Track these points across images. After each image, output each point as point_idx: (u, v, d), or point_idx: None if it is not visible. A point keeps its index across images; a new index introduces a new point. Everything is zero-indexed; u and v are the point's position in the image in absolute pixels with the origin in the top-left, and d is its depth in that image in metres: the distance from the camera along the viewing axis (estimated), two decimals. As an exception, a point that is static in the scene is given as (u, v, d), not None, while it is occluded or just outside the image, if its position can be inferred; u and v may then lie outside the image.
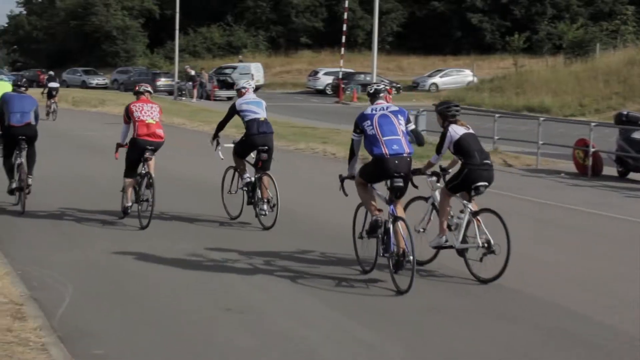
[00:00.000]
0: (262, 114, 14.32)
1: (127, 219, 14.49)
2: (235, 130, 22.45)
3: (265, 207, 14.16)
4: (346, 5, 61.11)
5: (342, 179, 11.24)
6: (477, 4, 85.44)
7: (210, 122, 36.87)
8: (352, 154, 11.11)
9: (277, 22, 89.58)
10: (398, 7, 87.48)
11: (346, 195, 11.15)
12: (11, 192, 15.37)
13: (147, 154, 14.16)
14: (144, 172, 14.23)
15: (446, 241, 11.12)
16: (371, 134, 10.55)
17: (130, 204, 14.37)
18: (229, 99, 59.56)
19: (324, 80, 68.95)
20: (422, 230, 11.53)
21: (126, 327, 8.73)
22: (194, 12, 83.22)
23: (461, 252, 11.15)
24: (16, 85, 16.41)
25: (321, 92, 67.66)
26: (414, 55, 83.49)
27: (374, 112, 10.77)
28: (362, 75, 65.89)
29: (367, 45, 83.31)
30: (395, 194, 10.54)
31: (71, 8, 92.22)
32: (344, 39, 57.84)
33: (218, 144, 14.88)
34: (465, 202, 11.16)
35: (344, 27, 57.87)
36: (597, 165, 22.24)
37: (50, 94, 39.55)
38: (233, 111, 14.36)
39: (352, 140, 10.92)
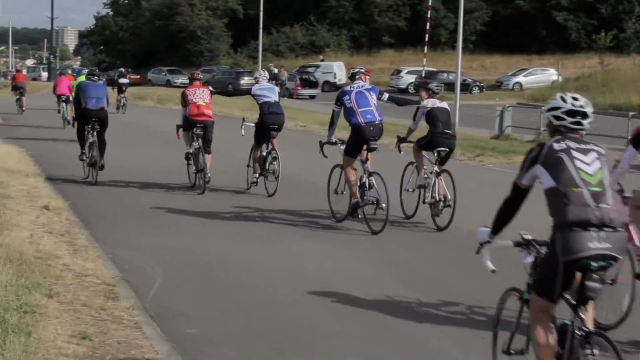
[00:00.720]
0: (273, 98, 16.49)
1: (211, 205, 14.70)
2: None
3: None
4: (430, 3, 60.84)
5: (321, 144, 13.45)
6: (563, 3, 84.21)
7: (294, 119, 37.09)
8: (332, 123, 13.51)
9: (359, 22, 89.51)
10: (482, 5, 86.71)
11: (325, 157, 13.36)
12: (82, 159, 18.36)
13: (197, 131, 16.70)
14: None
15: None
16: (349, 107, 12.93)
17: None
18: (312, 97, 59.84)
19: (407, 79, 68.65)
20: (411, 190, 14.00)
21: (216, 308, 8.78)
22: (277, 12, 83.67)
23: (431, 205, 13.51)
24: (91, 75, 19.92)
25: (403, 91, 67.39)
26: (498, 54, 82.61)
27: (352, 89, 13.08)
28: (445, 74, 65.54)
29: (449, 44, 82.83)
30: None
31: (156, 8, 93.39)
32: (427, 37, 57.61)
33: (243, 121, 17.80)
34: (433, 164, 13.62)
35: (427, 26, 57.65)
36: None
37: (120, 89, 41.13)
38: (251, 95, 16.86)
39: (333, 111, 12.89)
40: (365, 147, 13.04)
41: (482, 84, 67.70)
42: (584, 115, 6.10)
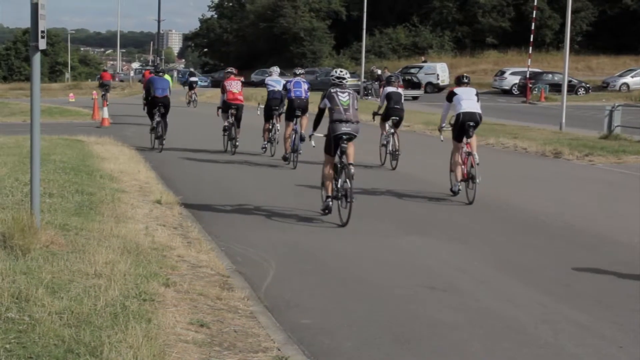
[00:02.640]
0: (277, 87, 22.01)
1: (321, 203, 14.76)
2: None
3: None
4: (535, 3, 60.00)
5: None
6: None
7: (398, 119, 37.01)
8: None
9: (463, 22, 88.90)
10: (588, 5, 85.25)
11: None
12: (153, 129, 23.90)
13: (232, 111, 22.92)
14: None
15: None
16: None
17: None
18: (414, 98, 59.63)
19: (511, 80, 67.84)
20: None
21: (330, 300, 8.78)
22: (379, 13, 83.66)
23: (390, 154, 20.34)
24: (157, 71, 26.78)
25: (507, 92, 66.63)
26: (604, 54, 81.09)
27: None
28: (550, 75, 64.65)
29: (554, 45, 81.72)
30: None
31: (260, 11, 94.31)
32: (532, 38, 56.82)
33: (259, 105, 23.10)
34: (390, 129, 20.44)
35: (532, 26, 56.87)
36: None
37: (191, 86, 47.99)
38: (264, 83, 23.15)
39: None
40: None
41: (588, 85, 66.50)
42: (343, 78, 14.08)
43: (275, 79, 22.49)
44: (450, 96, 16.37)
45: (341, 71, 14.43)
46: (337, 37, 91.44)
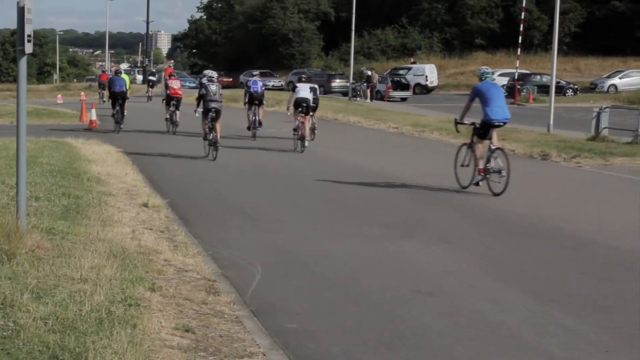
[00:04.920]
0: (256, 87, 28.27)
1: (311, 203, 14.73)
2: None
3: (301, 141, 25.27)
4: (523, 4, 60.11)
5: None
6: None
7: (386, 121, 37.10)
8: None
9: (451, 24, 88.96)
10: (576, 7, 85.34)
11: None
12: (113, 115, 30.82)
13: (173, 102, 30.38)
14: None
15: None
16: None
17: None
18: (403, 99, 59.69)
19: (499, 81, 67.46)
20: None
21: (317, 305, 8.77)
22: (368, 15, 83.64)
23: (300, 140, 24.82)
24: (116, 72, 33.70)
25: (496, 93, 66.65)
26: (592, 56, 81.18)
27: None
28: (538, 76, 64.77)
29: (543, 46, 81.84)
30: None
31: (249, 12, 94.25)
32: (520, 39, 56.91)
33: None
34: (300, 118, 24.76)
35: (521, 28, 56.95)
36: None
37: (149, 84, 55.69)
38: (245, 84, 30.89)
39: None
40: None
41: (576, 87, 66.61)
42: (212, 77, 23.00)
43: (255, 80, 28.91)
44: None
45: (212, 73, 23.51)
46: (326, 38, 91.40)
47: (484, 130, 16.90)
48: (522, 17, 59.17)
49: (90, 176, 16.45)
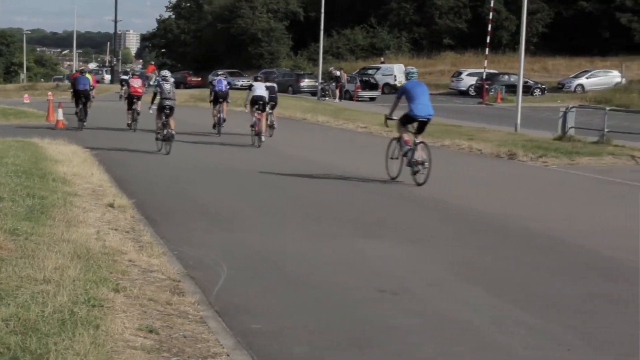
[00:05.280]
0: (220, 86, 30.30)
1: (277, 204, 14.71)
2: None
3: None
4: (492, 5, 60.37)
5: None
6: (627, 3, 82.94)
7: (355, 120, 37.13)
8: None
9: (420, 24, 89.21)
10: (544, 7, 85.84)
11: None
12: (76, 113, 32.05)
13: (134, 99, 31.61)
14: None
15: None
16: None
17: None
18: (372, 99, 59.77)
19: (467, 81, 68.27)
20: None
21: (283, 305, 8.75)
22: (337, 14, 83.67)
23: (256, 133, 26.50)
24: (81, 72, 35.21)
25: (464, 93, 67.01)
26: (560, 56, 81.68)
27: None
28: (506, 76, 65.08)
29: (511, 46, 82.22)
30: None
31: (218, 11, 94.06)
32: (488, 39, 57.16)
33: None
34: (256, 114, 26.40)
35: (489, 28, 57.20)
36: None
37: (121, 84, 52.89)
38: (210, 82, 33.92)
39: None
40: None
41: (543, 86, 66.99)
42: (166, 76, 24.98)
43: (219, 79, 31.14)
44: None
45: (166, 72, 25.73)
46: (294, 37, 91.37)
47: (406, 122, 18.40)
48: (490, 17, 59.43)
49: (55, 176, 16.33)
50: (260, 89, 27.22)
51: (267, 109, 27.76)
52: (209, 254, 10.93)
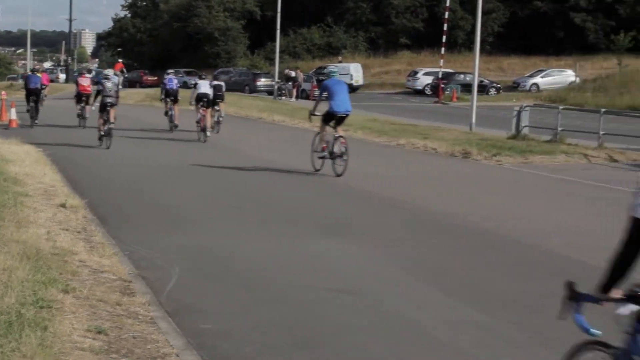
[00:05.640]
0: (170, 84, 31.63)
1: (231, 203, 14.69)
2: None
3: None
4: (447, 4, 60.66)
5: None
6: (581, 3, 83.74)
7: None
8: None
9: (376, 23, 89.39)
10: (499, 7, 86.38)
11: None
12: (28, 111, 32.65)
13: (83, 98, 32.28)
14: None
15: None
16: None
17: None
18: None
19: (423, 80, 68.58)
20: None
21: (234, 305, 8.73)
22: (294, 14, 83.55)
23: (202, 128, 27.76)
24: (32, 71, 37.31)
25: (420, 93, 67.28)
26: (515, 55, 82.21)
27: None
28: (462, 75, 65.42)
29: (467, 46, 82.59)
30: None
31: (174, 10, 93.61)
32: (444, 38, 57.45)
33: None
34: (201, 111, 27.74)
35: (445, 27, 57.49)
36: None
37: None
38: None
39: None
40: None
41: (499, 85, 67.47)
42: (107, 75, 26.33)
43: (170, 78, 32.58)
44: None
45: (109, 71, 27.99)
46: (251, 37, 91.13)
47: (327, 118, 19.37)
48: (446, 16, 59.70)
49: (7, 176, 16.15)
50: (205, 87, 28.84)
51: (215, 106, 29.86)
52: (162, 254, 10.88)
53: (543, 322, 8.32)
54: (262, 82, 65.59)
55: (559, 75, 69.50)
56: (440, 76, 61.32)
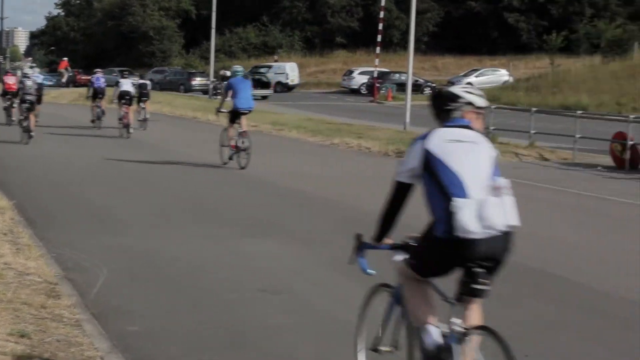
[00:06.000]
0: (97, 83, 32.79)
1: (160, 204, 14.61)
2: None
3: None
4: (382, 4, 60.91)
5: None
6: (514, 4, 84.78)
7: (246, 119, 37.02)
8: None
9: (312, 22, 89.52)
10: (434, 6, 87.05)
11: None
12: None
13: (8, 95, 32.44)
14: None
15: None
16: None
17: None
18: (264, 97, 59.68)
19: (359, 79, 68.80)
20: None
21: (161, 307, 8.66)
22: (230, 13, 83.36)
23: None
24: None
25: (356, 92, 67.47)
26: (450, 55, 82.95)
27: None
28: (397, 75, 65.73)
29: (402, 45, 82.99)
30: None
31: (108, 9, 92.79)
32: (379, 38, 57.67)
33: None
34: (124, 108, 28.58)
35: (380, 27, 57.70)
36: (635, 158, 22.00)
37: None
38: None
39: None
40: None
41: (434, 85, 67.89)
42: (27, 74, 27.07)
43: (99, 76, 33.88)
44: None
45: (27, 70, 28.53)
46: (186, 36, 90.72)
47: (233, 115, 20.50)
48: (382, 16, 59.92)
49: None
50: (127, 85, 30.32)
51: (141, 104, 31.24)
52: (90, 256, 10.75)
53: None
54: (198, 81, 65.38)
55: (492, 75, 70.22)
56: (375, 75, 61.56)
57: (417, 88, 60.23)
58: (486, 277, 5.21)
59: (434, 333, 5.39)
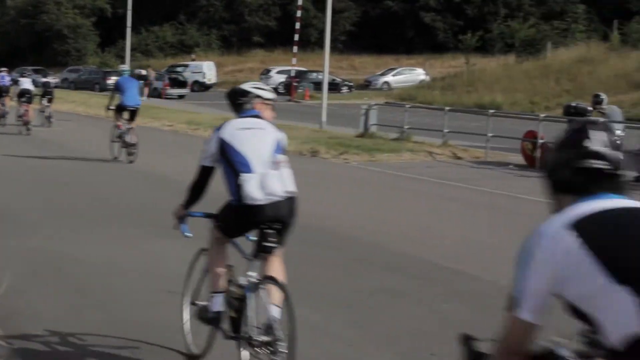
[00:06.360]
0: (2, 80, 32.29)
1: (65, 204, 14.39)
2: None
3: None
4: (299, 3, 60.96)
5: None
6: (431, 3, 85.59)
7: (161, 119, 36.81)
8: None
9: (229, 21, 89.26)
10: (351, 6, 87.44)
11: None
12: None
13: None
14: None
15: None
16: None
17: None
18: (180, 97, 59.37)
19: (277, 78, 68.77)
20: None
21: (67, 310, 8.53)
22: (146, 11, 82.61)
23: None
24: None
25: (274, 90, 67.37)
26: (367, 54, 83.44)
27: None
28: (315, 74, 65.89)
29: (320, 44, 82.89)
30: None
31: (21, 6, 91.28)
32: (296, 37, 57.70)
33: None
34: (23, 106, 29.18)
35: (297, 26, 57.73)
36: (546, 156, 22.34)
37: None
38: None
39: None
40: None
41: (351, 84, 68.30)
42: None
43: (25, 80, 32.29)
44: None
45: None
46: (102, 34, 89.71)
47: (120, 110, 21.90)
48: (299, 15, 59.95)
49: None
50: (27, 84, 31.18)
51: (44, 102, 32.41)
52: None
53: (377, 319, 8.43)
54: (113, 80, 64.61)
55: (409, 74, 70.90)
56: (293, 74, 61.63)
57: (335, 87, 60.51)
58: (275, 237, 6.63)
59: (219, 302, 6.83)
